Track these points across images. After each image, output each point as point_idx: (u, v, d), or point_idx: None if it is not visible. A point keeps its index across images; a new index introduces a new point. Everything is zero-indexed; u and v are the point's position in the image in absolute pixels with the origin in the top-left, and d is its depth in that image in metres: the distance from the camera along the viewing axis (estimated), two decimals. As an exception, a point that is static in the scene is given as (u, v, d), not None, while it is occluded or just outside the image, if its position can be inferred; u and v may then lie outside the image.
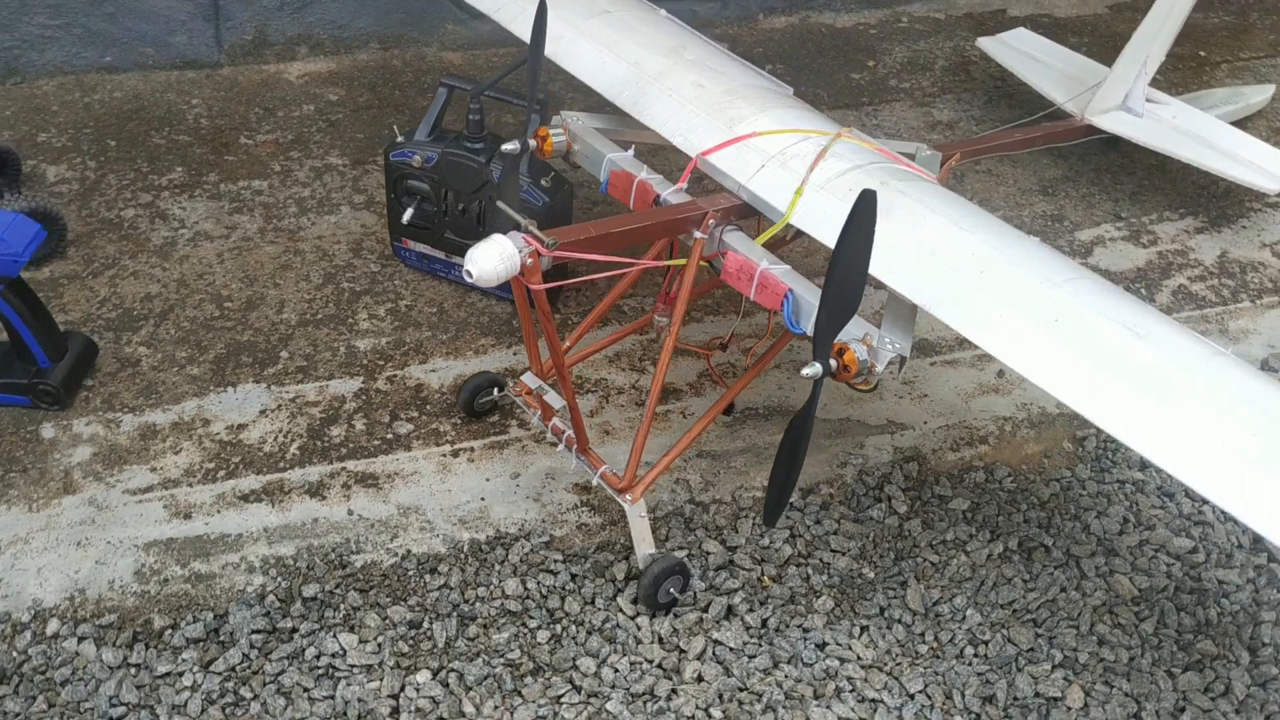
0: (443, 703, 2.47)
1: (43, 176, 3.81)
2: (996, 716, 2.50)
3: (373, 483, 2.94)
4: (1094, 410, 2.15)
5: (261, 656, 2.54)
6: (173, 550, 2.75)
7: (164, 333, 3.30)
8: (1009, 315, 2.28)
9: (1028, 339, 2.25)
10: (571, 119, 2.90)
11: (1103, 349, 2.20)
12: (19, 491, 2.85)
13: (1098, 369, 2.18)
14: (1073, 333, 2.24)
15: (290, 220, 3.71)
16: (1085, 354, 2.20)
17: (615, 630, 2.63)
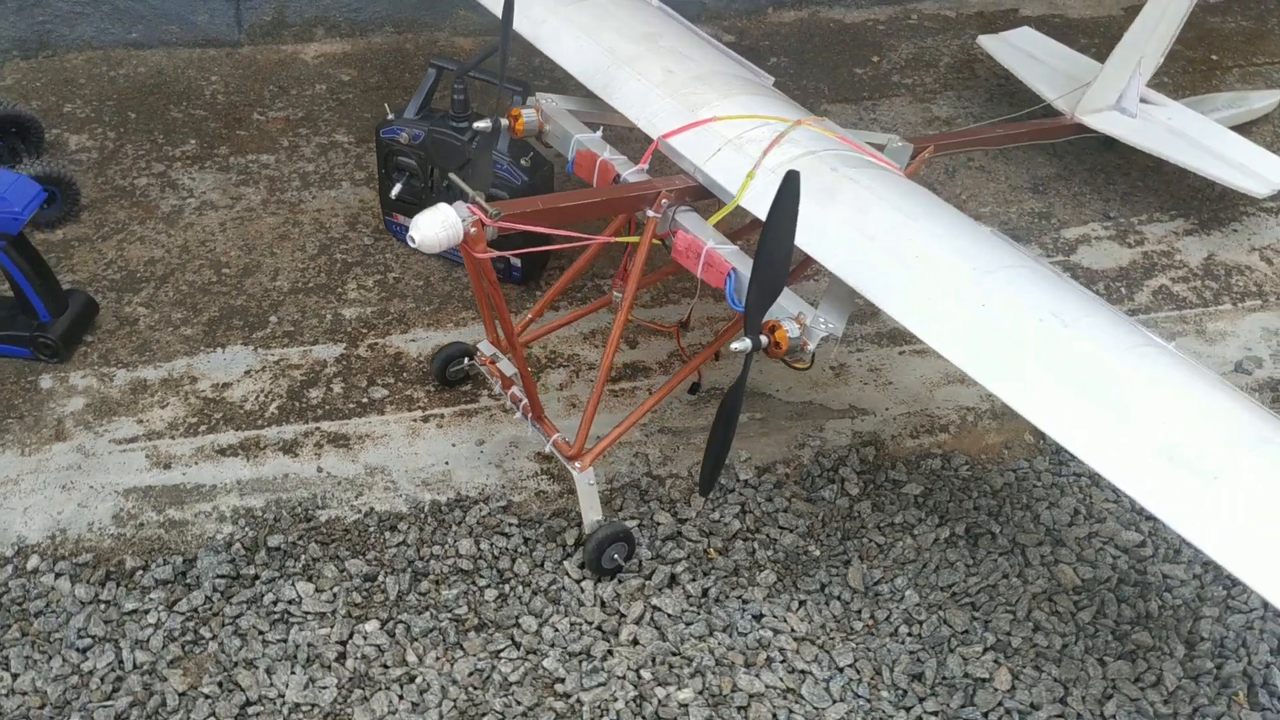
0: (388, 651, 2.59)
1: (65, 145, 4.01)
2: (923, 693, 2.56)
3: (344, 443, 3.06)
4: (1009, 393, 2.20)
5: (223, 600, 2.68)
6: (150, 497, 2.90)
7: (163, 295, 3.46)
8: (937, 300, 2.33)
9: (952, 323, 2.30)
10: (545, 100, 3.00)
11: (1025, 335, 2.25)
12: (14, 436, 3.02)
13: (1017, 354, 2.22)
14: (998, 319, 2.28)
15: (293, 193, 3.86)
16: (1007, 339, 2.25)
17: (560, 592, 2.73)
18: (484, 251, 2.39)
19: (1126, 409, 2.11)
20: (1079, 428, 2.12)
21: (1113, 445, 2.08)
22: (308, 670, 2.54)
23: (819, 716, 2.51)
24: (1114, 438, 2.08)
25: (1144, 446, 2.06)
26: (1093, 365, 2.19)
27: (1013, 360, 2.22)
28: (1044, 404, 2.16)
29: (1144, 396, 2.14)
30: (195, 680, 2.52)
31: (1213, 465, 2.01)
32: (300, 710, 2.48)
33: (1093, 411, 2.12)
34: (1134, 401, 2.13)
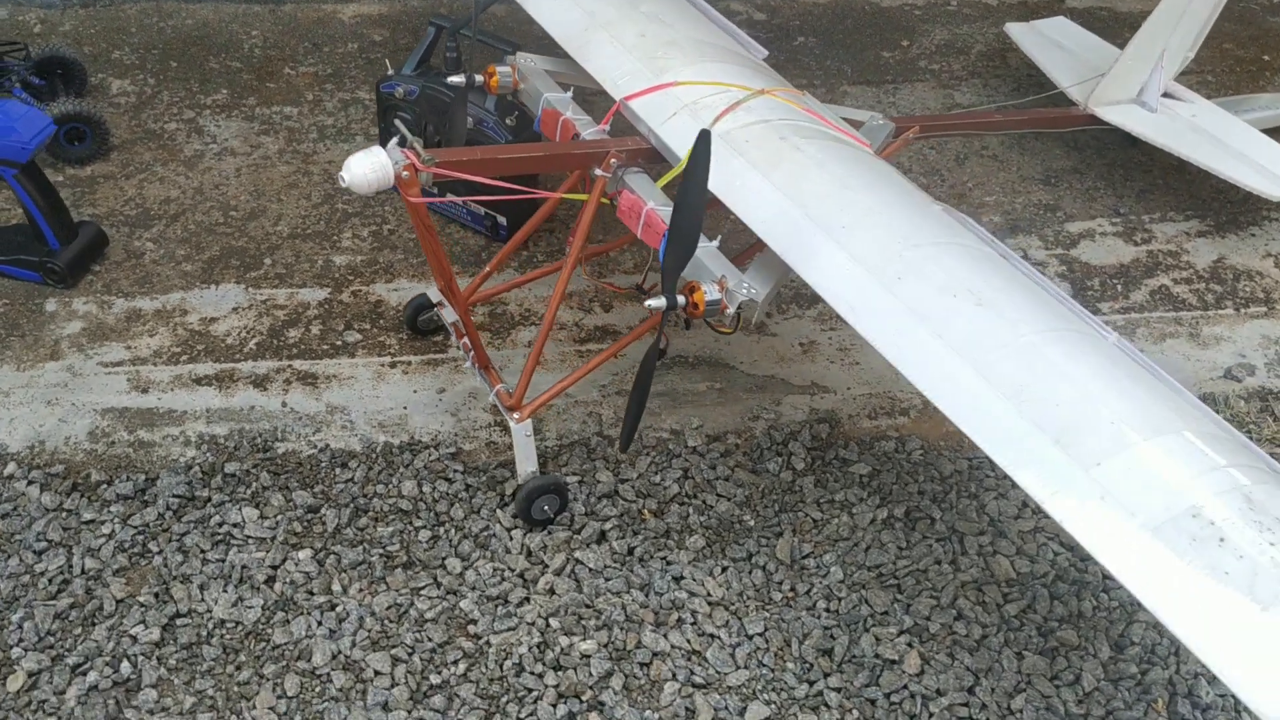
0: (315, 579, 2.69)
1: (108, 88, 4.22)
2: (828, 669, 2.54)
3: (312, 382, 3.18)
4: (906, 365, 2.17)
5: (174, 518, 2.81)
6: (125, 418, 3.06)
7: (172, 232, 3.63)
8: (854, 271, 2.31)
9: (864, 294, 2.28)
10: (523, 59, 3.05)
11: (932, 310, 2.22)
12: (13, 353, 3.22)
13: (920, 328, 2.20)
14: (911, 293, 2.26)
15: (309, 144, 3.99)
16: (913, 313, 2.22)
17: (490, 538, 2.79)
18: (417, 196, 2.45)
19: (1020, 390, 2.07)
20: (970, 405, 2.09)
21: (1000, 425, 2.04)
22: (238, 590, 2.66)
23: (719, 681, 2.52)
24: (1003, 417, 2.05)
25: (1032, 428, 2.01)
26: (996, 344, 2.15)
27: (914, 334, 2.19)
28: (939, 378, 2.13)
29: (1042, 379, 2.09)
30: (135, 590, 2.65)
31: (1096, 452, 1.96)
32: (225, 626, 2.60)
33: (986, 390, 2.08)
34: (1030, 383, 2.08)
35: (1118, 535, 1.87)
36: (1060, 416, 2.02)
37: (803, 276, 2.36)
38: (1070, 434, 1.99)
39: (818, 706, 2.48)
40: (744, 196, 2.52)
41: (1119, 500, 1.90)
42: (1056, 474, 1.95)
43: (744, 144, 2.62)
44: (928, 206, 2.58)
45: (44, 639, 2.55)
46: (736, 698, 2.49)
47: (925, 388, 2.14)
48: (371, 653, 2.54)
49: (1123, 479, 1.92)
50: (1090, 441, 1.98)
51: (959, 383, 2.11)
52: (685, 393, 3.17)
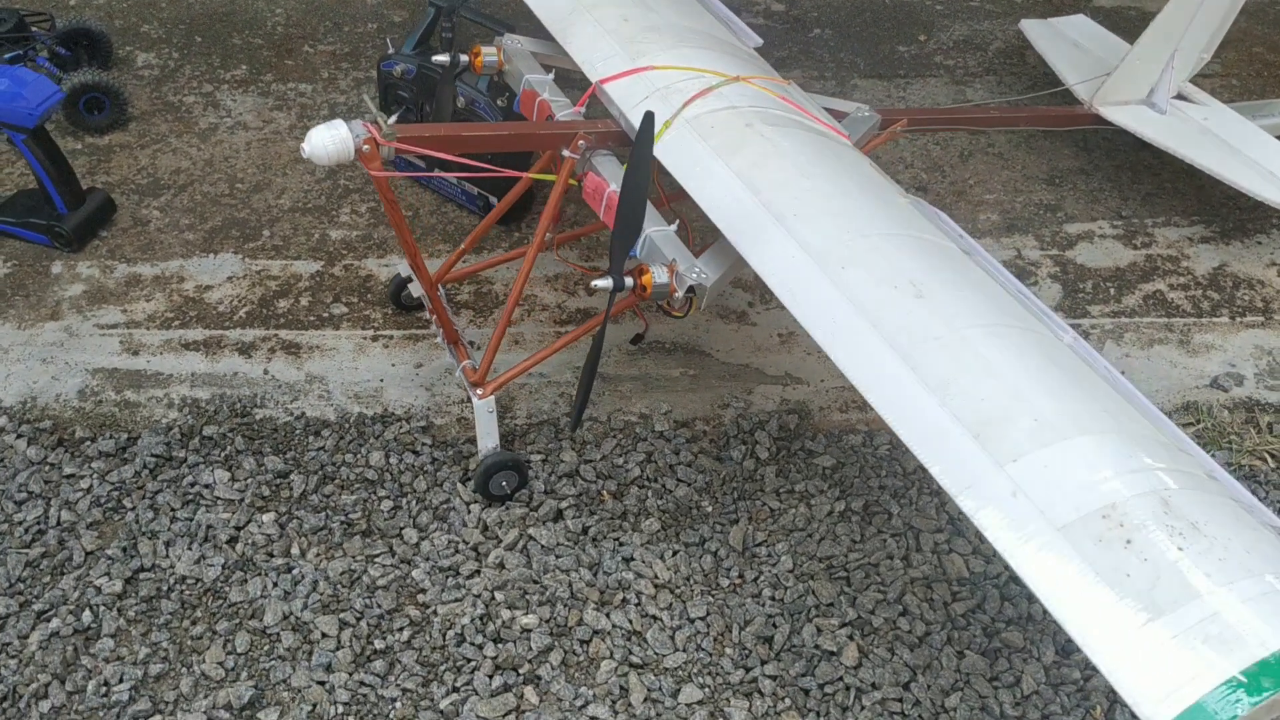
0: (276, 542, 2.76)
1: (133, 60, 4.35)
2: (765, 656, 2.55)
3: (295, 351, 3.25)
4: (839, 355, 2.17)
5: (149, 476, 2.91)
6: (114, 379, 3.16)
7: (178, 202, 3.73)
8: (799, 258, 2.31)
9: (805, 282, 2.27)
10: (509, 41, 3.09)
11: (870, 301, 2.20)
12: (16, 312, 3.34)
13: (856, 318, 2.19)
14: (853, 282, 2.25)
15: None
16: (851, 303, 2.21)
17: (449, 511, 2.84)
18: (379, 170, 2.50)
19: (946, 383, 2.05)
20: (893, 394, 2.07)
21: (922, 416, 2.03)
22: (201, 548, 2.74)
23: (657, 662, 2.54)
24: (925, 409, 2.03)
25: (952, 421, 2.00)
26: (928, 336, 2.13)
27: (848, 322, 2.18)
28: (866, 366, 2.13)
29: (970, 373, 2.07)
30: (105, 543, 2.75)
31: (1013, 449, 1.94)
32: (185, 582, 2.68)
33: (911, 380, 2.07)
34: (957, 377, 2.06)
35: (1023, 532, 1.85)
36: (982, 411, 2.00)
37: (750, 262, 2.36)
38: (990, 429, 1.97)
39: (751, 693, 2.48)
40: (702, 181, 2.53)
41: (1029, 497, 1.88)
42: (970, 468, 1.94)
43: (709, 129, 2.62)
44: (891, 198, 2.56)
45: (14, 585, 2.65)
46: (671, 679, 2.50)
47: (852, 375, 2.13)
48: (321, 615, 2.61)
49: (1036, 476, 1.90)
50: (1009, 437, 1.96)
51: (885, 372, 2.10)
52: (658, 378, 3.19)
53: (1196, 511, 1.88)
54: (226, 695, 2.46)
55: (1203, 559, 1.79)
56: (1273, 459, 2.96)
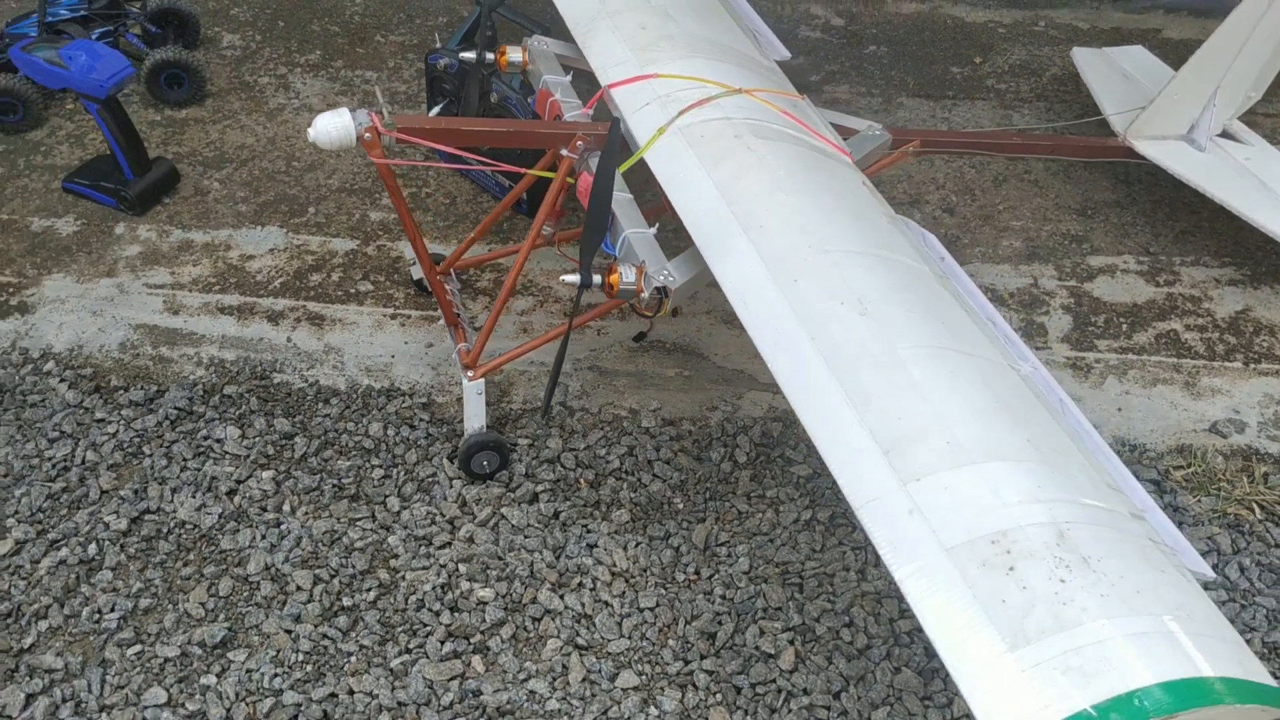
0: (271, 497, 2.96)
1: (219, 41, 4.64)
2: (705, 651, 2.62)
3: (318, 323, 3.45)
4: (776, 365, 2.23)
5: (170, 427, 3.14)
6: (153, 335, 3.41)
7: (238, 176, 3.98)
8: (755, 268, 2.38)
9: (757, 293, 2.34)
10: (536, 42, 3.23)
11: (813, 314, 2.26)
12: (78, 266, 3.62)
13: (797, 331, 2.24)
14: (801, 295, 2.31)
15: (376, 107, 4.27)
16: (794, 315, 2.27)
17: (433, 484, 2.99)
18: (380, 157, 2.67)
19: (869, 399, 2.10)
20: (817, 405, 2.13)
21: (839, 429, 2.08)
22: (203, 497, 2.95)
23: (601, 646, 2.64)
24: (843, 422, 2.08)
25: (866, 437, 2.05)
26: (863, 353, 2.18)
27: (790, 334, 2.24)
28: (797, 377, 2.18)
29: (895, 392, 2.11)
30: (120, 484, 2.99)
31: (920, 468, 1.98)
32: (184, 527, 2.89)
33: (836, 394, 2.12)
34: (881, 394, 2.11)
35: (913, 550, 1.89)
36: (898, 429, 2.05)
37: (711, 268, 2.44)
38: (902, 447, 2.02)
39: (686, 685, 2.56)
40: (683, 188, 2.61)
41: (925, 516, 1.92)
42: (874, 482, 1.99)
43: (698, 139, 2.71)
44: (871, 216, 2.60)
45: (34, 514, 2.90)
46: (612, 664, 2.60)
47: (782, 382, 2.19)
48: (299, 570, 2.79)
49: (936, 497, 1.94)
50: (919, 457, 2.00)
51: (813, 382, 2.15)
52: (654, 375, 3.28)
53: (1094, 547, 1.89)
54: (202, 633, 2.65)
55: (1083, 593, 1.80)
56: (1261, 509, 2.89)
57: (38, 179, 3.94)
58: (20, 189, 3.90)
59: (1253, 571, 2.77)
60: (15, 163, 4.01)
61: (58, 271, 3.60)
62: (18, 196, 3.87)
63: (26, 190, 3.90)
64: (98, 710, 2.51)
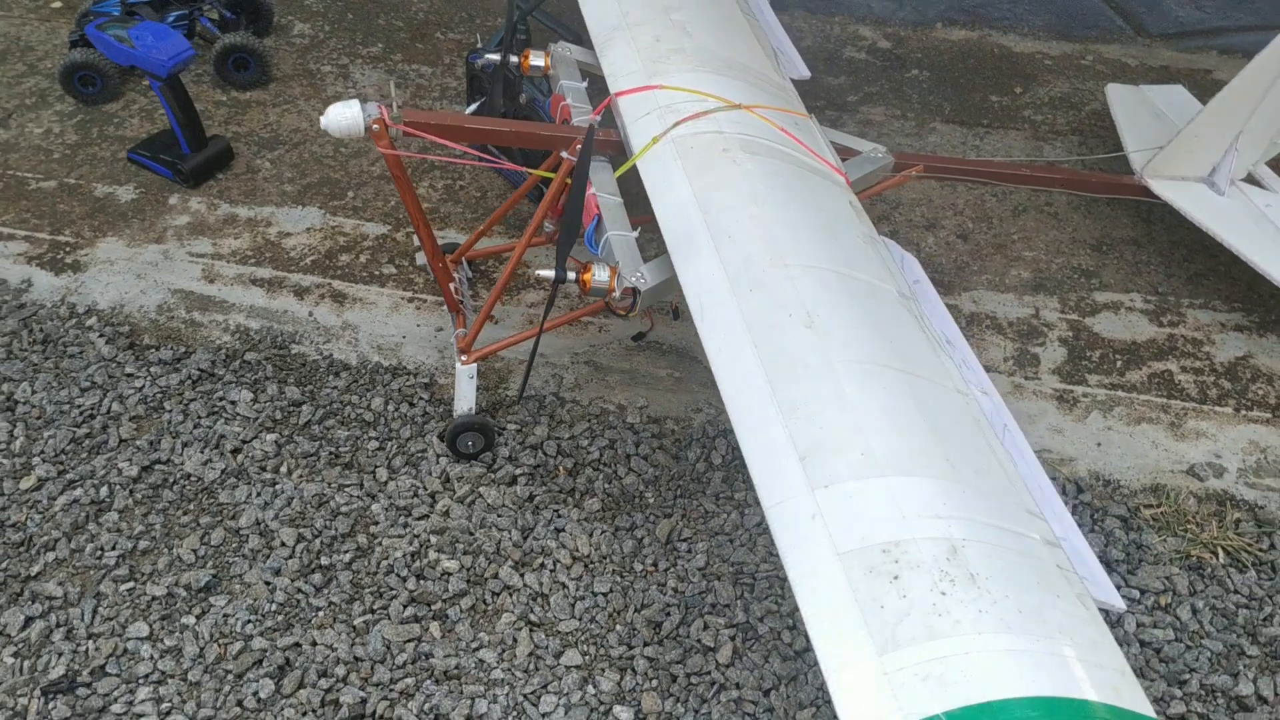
0: (271, 459, 3.16)
1: (290, 28, 4.90)
2: (649, 639, 2.73)
3: (340, 300, 3.65)
4: (720, 372, 2.33)
5: (190, 386, 3.37)
6: (188, 300, 3.65)
7: (289, 157, 4.22)
8: (715, 276, 2.48)
9: (713, 302, 2.44)
10: (559, 48, 3.37)
11: (759, 325, 2.35)
12: (130, 231, 3.90)
13: (741, 340, 2.34)
14: (752, 305, 2.40)
15: (429, 101, 4.49)
16: (744, 323, 2.37)
17: (421, 459, 3.16)
18: (387, 147, 2.84)
19: (796, 407, 2.19)
20: (747, 408, 2.22)
21: (763, 433, 2.17)
22: (210, 453, 3.17)
23: (552, 624, 2.77)
24: (768, 427, 2.18)
25: (786, 441, 2.13)
26: (799, 363, 2.27)
27: (735, 340, 2.34)
28: (736, 381, 2.28)
29: (822, 402, 2.19)
30: (138, 435, 3.22)
31: (830, 476, 2.06)
32: (189, 479, 3.11)
33: (767, 400, 2.21)
34: (809, 403, 2.19)
35: (808, 553, 1.98)
36: (817, 438, 2.13)
37: (678, 274, 2.55)
38: (817, 454, 2.10)
39: (625, 669, 2.68)
40: (664, 195, 2.72)
41: (826, 521, 2.00)
42: (786, 486, 2.07)
43: (688, 150, 2.82)
44: (845, 236, 2.68)
45: (58, 455, 3.15)
46: (559, 642, 2.73)
47: (721, 383, 2.29)
48: (286, 527, 2.98)
49: (839, 503, 2.02)
50: (831, 465, 2.08)
51: (747, 384, 2.25)
52: (645, 374, 3.40)
53: (985, 565, 1.95)
54: (189, 577, 2.86)
55: (962, 607, 1.87)
56: (1226, 554, 2.88)
57: (107, 148, 4.24)
58: (90, 156, 4.20)
59: (1205, 614, 2.76)
60: (89, 131, 4.32)
61: (112, 235, 3.87)
62: (87, 163, 4.17)
63: (95, 158, 4.20)
64: (86, 637, 2.74)
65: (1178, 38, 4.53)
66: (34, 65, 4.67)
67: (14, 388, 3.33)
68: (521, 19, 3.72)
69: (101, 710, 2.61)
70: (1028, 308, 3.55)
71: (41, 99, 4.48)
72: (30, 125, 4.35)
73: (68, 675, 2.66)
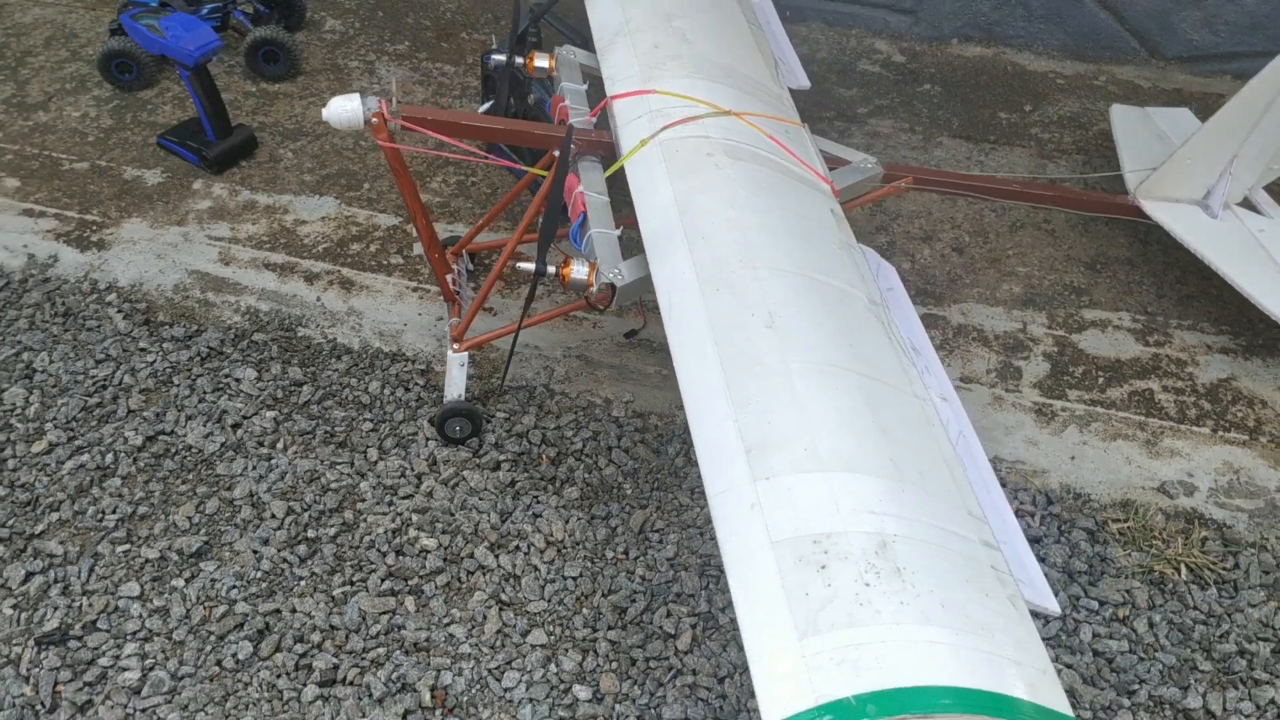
0: (269, 435, 3.29)
1: (321, 24, 5.06)
2: (613, 623, 2.83)
3: (348, 287, 3.79)
4: (680, 368, 2.41)
5: (199, 363, 3.52)
6: (202, 281, 3.81)
7: (310, 148, 4.37)
8: (686, 276, 2.57)
9: (682, 298, 2.53)
10: (564, 51, 3.48)
11: (720, 323, 2.44)
12: (154, 214, 4.07)
13: (702, 337, 2.43)
14: (718, 304, 2.49)
15: (449, 99, 4.62)
16: (704, 323, 2.45)
17: (411, 442, 3.28)
18: (386, 140, 2.97)
19: (748, 403, 2.27)
20: (701, 402, 2.31)
21: (715, 426, 2.26)
22: (211, 427, 3.31)
23: (521, 605, 2.87)
24: (720, 420, 2.26)
25: (735, 434, 2.22)
26: (756, 361, 2.35)
27: (697, 337, 2.43)
28: (694, 376, 2.37)
29: (773, 399, 2.28)
30: (145, 407, 3.37)
31: (772, 469, 2.14)
32: (190, 450, 3.26)
33: (720, 395, 2.30)
34: (760, 399, 2.27)
35: (744, 540, 2.06)
36: (764, 432, 2.21)
37: (652, 272, 2.65)
38: (762, 448, 2.18)
39: (588, 650, 2.77)
40: (647, 197, 2.82)
41: (763, 511, 2.09)
42: (730, 477, 2.16)
43: (673, 153, 2.91)
44: (820, 242, 2.76)
45: (69, 422, 3.31)
46: (526, 621, 2.83)
47: (680, 377, 2.38)
48: (277, 500, 3.11)
49: (778, 495, 2.10)
50: (774, 459, 2.16)
51: (703, 380, 2.34)
52: (634, 370, 3.50)
53: (913, 560, 2.02)
54: (182, 543, 3.00)
55: (884, 599, 1.94)
56: (1189, 571, 2.91)
57: (139, 133, 4.42)
58: (122, 140, 4.38)
59: (1161, 628, 2.80)
60: (123, 116, 4.51)
61: (137, 216, 4.04)
62: (119, 147, 4.35)
63: (127, 142, 4.38)
64: (80, 594, 2.88)
65: (1192, 61, 4.54)
66: (76, 52, 4.87)
67: (33, 357, 3.50)
68: (533, 23, 3.85)
69: (90, 663, 2.75)
70: (1015, 322, 3.60)
71: (81, 84, 4.68)
72: (68, 109, 4.55)
73: (61, 628, 2.81)
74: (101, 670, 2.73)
